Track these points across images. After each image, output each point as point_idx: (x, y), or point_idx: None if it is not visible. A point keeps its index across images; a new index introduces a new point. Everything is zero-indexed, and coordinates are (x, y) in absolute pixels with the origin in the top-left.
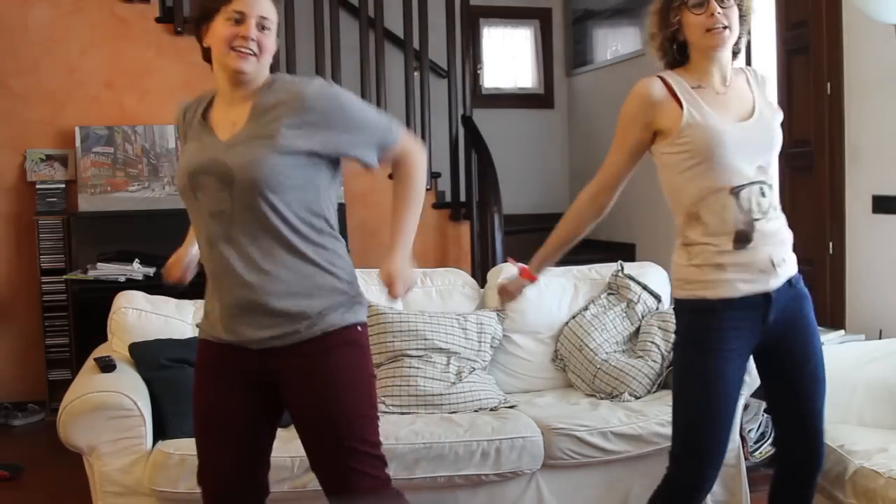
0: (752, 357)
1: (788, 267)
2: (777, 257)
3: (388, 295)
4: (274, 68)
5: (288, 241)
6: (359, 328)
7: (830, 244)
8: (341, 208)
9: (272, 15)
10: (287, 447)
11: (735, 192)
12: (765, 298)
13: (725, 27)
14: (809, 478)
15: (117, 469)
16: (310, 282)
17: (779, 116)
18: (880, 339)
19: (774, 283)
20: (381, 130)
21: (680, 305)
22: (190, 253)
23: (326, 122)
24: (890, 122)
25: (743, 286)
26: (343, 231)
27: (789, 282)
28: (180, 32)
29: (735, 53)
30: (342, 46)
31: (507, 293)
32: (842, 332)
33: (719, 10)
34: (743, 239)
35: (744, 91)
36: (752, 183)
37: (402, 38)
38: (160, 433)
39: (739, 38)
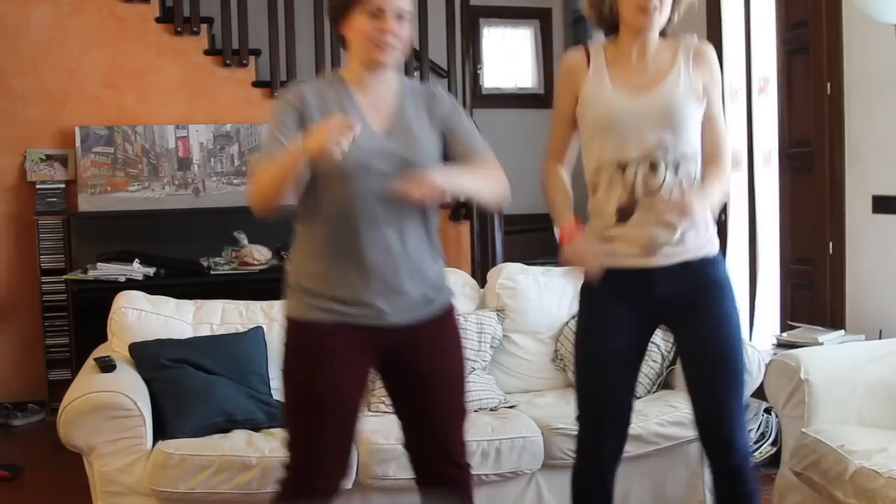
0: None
1: (681, 250)
2: (663, 237)
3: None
4: (274, 68)
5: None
6: None
7: (830, 244)
8: None
9: (407, 6)
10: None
11: (621, 166)
12: (645, 274)
13: (655, 8)
14: (736, 482)
15: (117, 469)
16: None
17: (695, 98)
18: (880, 339)
19: (657, 261)
20: None
21: None
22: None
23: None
24: (890, 122)
25: (624, 259)
26: None
27: (687, 265)
28: (180, 32)
29: (662, 33)
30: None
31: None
32: (842, 332)
33: None
34: (623, 216)
35: (664, 65)
36: (644, 159)
37: None
38: (160, 433)
39: (670, 18)
